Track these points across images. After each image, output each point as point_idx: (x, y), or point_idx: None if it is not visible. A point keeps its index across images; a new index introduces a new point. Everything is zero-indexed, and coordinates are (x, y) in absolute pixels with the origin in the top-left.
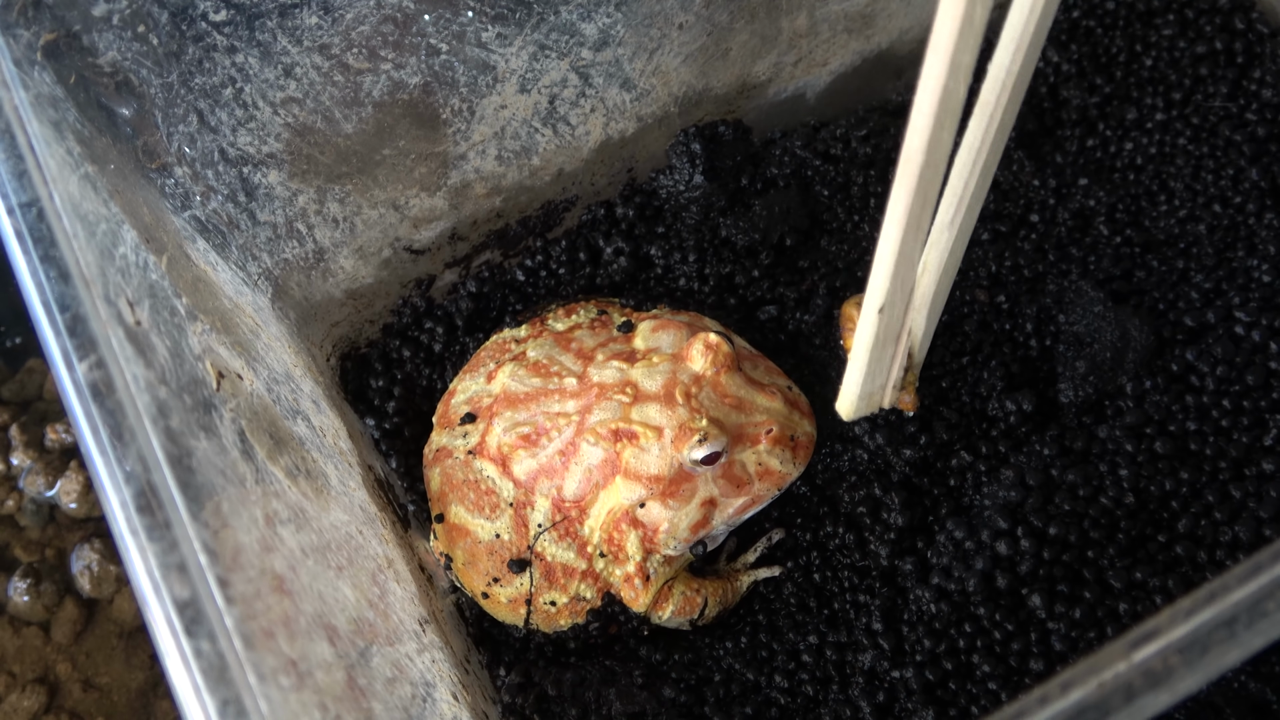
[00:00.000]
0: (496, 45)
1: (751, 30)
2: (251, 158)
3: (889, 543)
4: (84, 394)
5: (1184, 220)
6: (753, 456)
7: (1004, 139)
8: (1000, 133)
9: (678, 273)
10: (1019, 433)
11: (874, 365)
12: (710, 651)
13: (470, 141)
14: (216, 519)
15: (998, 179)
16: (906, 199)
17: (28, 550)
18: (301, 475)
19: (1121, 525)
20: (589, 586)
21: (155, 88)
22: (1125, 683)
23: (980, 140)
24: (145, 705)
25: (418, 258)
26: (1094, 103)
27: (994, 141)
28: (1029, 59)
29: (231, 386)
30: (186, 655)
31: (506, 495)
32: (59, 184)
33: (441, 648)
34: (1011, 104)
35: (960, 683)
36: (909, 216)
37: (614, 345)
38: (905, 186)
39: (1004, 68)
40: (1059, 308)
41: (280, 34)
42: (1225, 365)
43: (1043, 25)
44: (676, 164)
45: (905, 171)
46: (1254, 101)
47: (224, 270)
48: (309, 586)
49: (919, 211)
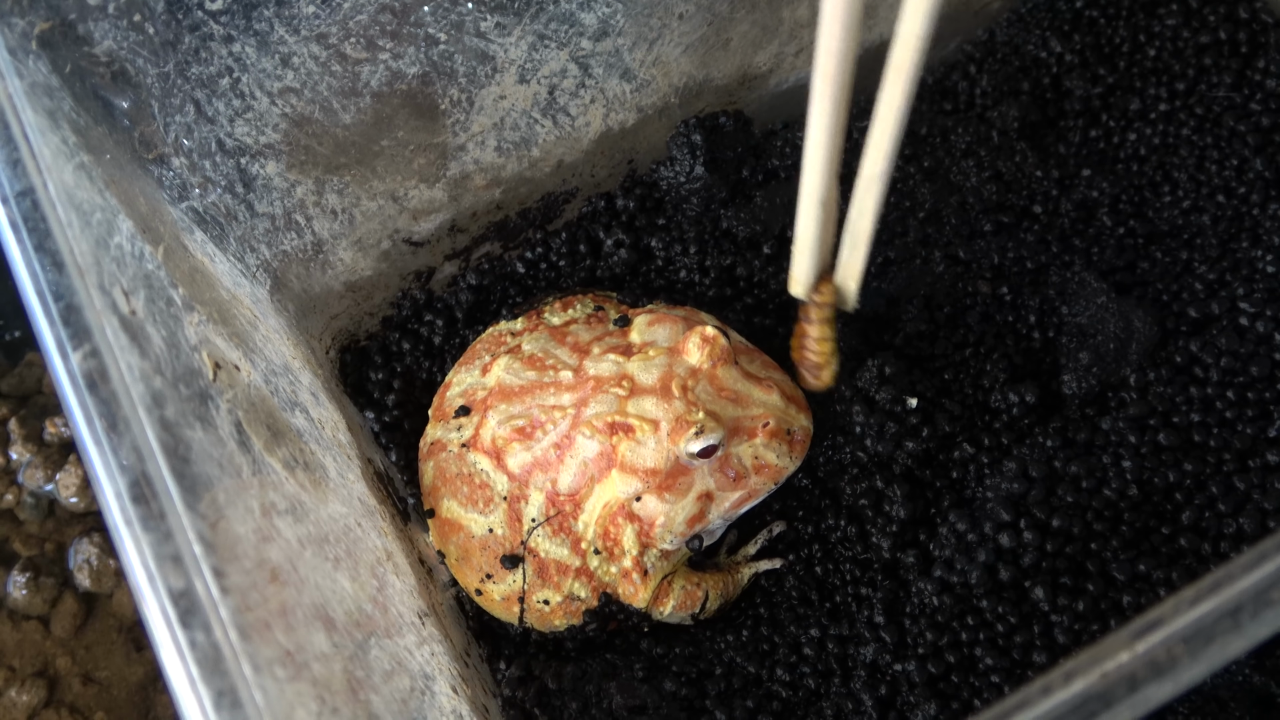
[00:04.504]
0: (495, 35)
1: (752, 20)
2: (249, 148)
3: (891, 535)
4: (78, 384)
5: (1188, 211)
6: (749, 450)
7: (912, 93)
8: (908, 88)
9: (678, 265)
10: (1022, 424)
11: (819, 251)
12: (711, 645)
13: (469, 132)
14: (213, 510)
15: (1001, 170)
16: (828, 101)
17: (27, 544)
18: (299, 467)
19: (1125, 517)
20: (583, 585)
21: (152, 77)
22: (1129, 673)
23: (893, 98)
24: (145, 699)
25: (417, 250)
26: (1097, 93)
27: (903, 99)
28: (927, 24)
29: (228, 378)
30: (181, 646)
31: (500, 489)
32: (53, 173)
33: (441, 641)
34: (915, 68)
35: (963, 676)
36: (832, 118)
37: (610, 339)
38: (824, 88)
39: (912, 33)
40: (1062, 299)
41: (277, 23)
42: (1229, 356)
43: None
44: (677, 155)
45: (823, 72)
46: (1258, 92)
47: (221, 261)
48: (306, 578)
49: (839, 111)
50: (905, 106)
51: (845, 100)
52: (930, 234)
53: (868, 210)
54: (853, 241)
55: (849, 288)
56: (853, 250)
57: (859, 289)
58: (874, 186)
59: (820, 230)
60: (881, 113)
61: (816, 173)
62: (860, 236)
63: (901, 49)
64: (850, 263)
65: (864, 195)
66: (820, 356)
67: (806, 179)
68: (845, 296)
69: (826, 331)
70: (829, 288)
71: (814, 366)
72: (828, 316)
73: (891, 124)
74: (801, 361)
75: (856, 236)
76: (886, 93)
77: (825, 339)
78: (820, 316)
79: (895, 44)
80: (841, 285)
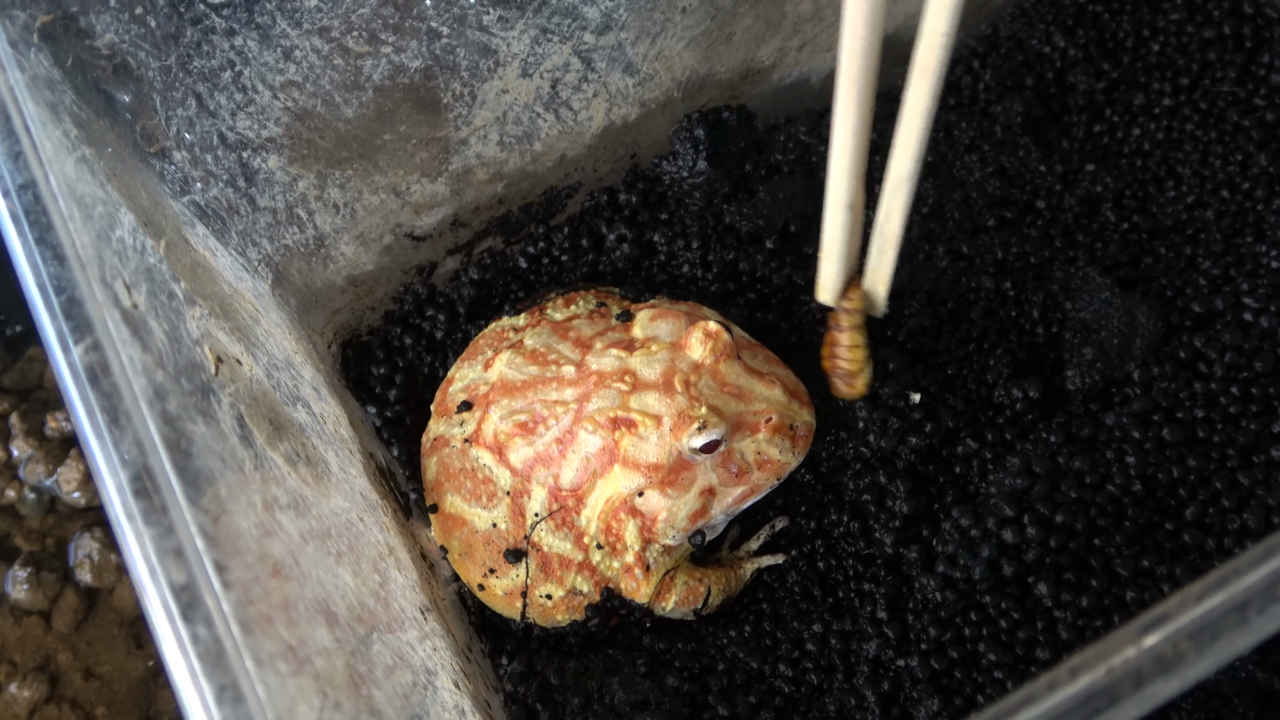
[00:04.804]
0: (498, 29)
1: (755, 14)
2: (251, 142)
3: (894, 531)
4: (80, 377)
5: (1192, 206)
6: (752, 445)
7: (938, 93)
8: (934, 87)
9: (681, 260)
10: (1025, 420)
11: (847, 256)
12: (714, 640)
13: (472, 126)
14: (215, 504)
15: (1004, 165)
16: (853, 101)
17: (28, 539)
18: (301, 462)
19: (1129, 513)
20: (585, 580)
21: (153, 71)
22: (1135, 668)
23: (919, 99)
24: (146, 694)
25: (419, 244)
26: (1101, 88)
27: (930, 99)
28: (953, 20)
29: (230, 372)
30: (183, 641)
31: (503, 484)
32: (55, 166)
33: (443, 636)
34: (940, 65)
35: (966, 671)
36: (857, 121)
37: (612, 334)
38: (848, 88)
39: (937, 31)
40: (1066, 294)
41: (279, 16)
42: (1233, 352)
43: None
44: (680, 150)
45: (847, 72)
46: (1262, 86)
47: (223, 256)
48: (308, 573)
49: (864, 114)
50: (931, 106)
51: (870, 100)
52: (933, 229)
53: (896, 213)
54: (881, 246)
55: (878, 293)
56: (881, 254)
57: (888, 294)
58: (902, 189)
59: (848, 235)
60: (908, 114)
61: (843, 175)
62: (889, 240)
63: (926, 48)
64: (879, 267)
65: (892, 198)
66: (853, 364)
67: (833, 182)
68: (875, 302)
69: (858, 339)
70: (858, 294)
71: (847, 375)
72: (858, 323)
73: (918, 125)
74: (834, 370)
75: (885, 240)
76: (912, 93)
77: (857, 346)
78: (851, 323)
79: (919, 43)
80: (870, 290)
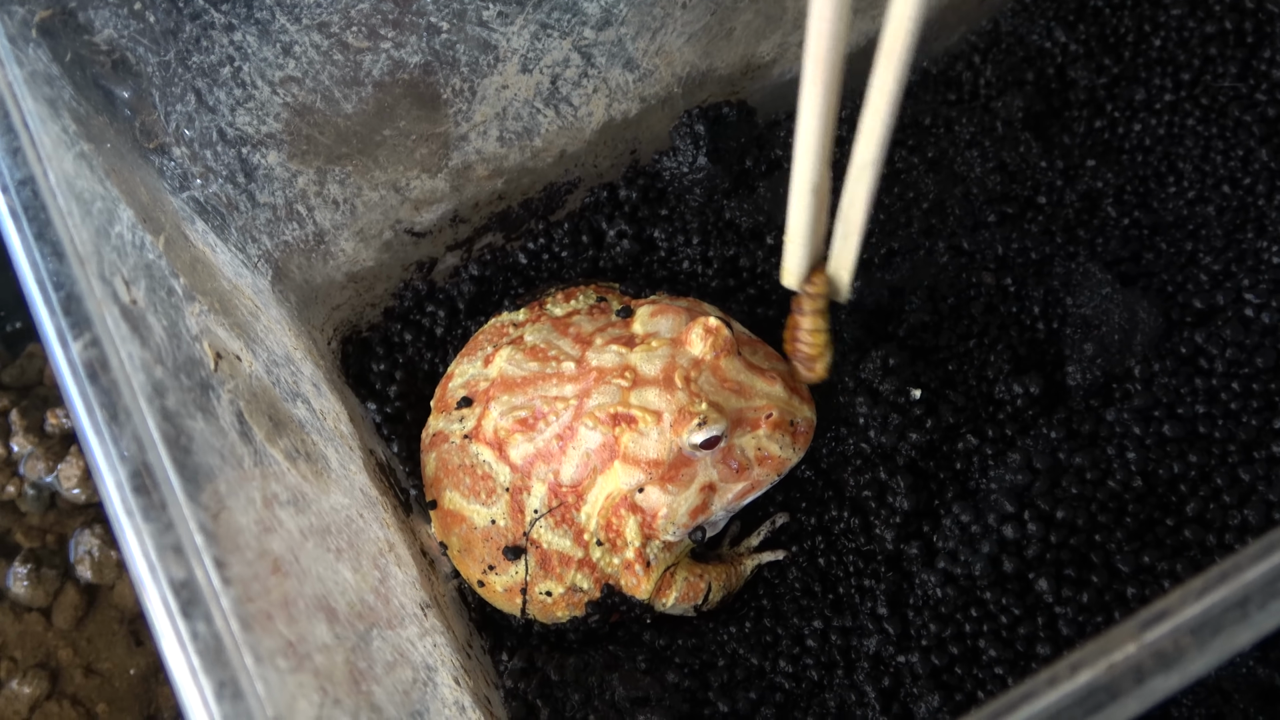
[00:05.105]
0: (498, 24)
1: (756, 10)
2: (250, 138)
3: (894, 527)
4: (79, 373)
5: (1193, 202)
6: (752, 441)
7: (904, 78)
8: (900, 72)
9: (681, 255)
10: (1026, 416)
11: (811, 240)
12: (714, 636)
13: (471, 122)
14: (214, 501)
15: (1005, 160)
16: (818, 85)
17: (28, 536)
18: (301, 458)
19: (1129, 509)
20: (585, 577)
21: (152, 66)
22: (1135, 664)
23: (885, 83)
24: (147, 691)
25: (419, 240)
26: (1102, 84)
27: (895, 84)
28: (919, 4)
29: (230, 368)
30: (183, 637)
31: (503, 480)
32: (54, 161)
33: (443, 632)
34: (906, 50)
35: (966, 667)
36: (823, 103)
37: (612, 330)
38: (814, 72)
39: (904, 15)
40: (1066, 290)
41: (279, 11)
42: (1234, 348)
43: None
44: (680, 145)
45: (813, 55)
46: (1264, 82)
47: (223, 252)
48: (308, 569)
49: (830, 98)
50: (897, 91)
51: (836, 85)
52: (934, 225)
53: (860, 199)
54: (845, 231)
55: (841, 278)
56: (845, 240)
57: (851, 280)
58: (866, 174)
59: (812, 219)
60: (873, 98)
61: (808, 159)
62: (853, 226)
63: (892, 33)
64: (843, 253)
65: (856, 183)
66: (813, 349)
67: (798, 166)
68: (838, 287)
69: (819, 323)
70: (821, 278)
71: (807, 359)
72: (820, 308)
73: (883, 110)
74: (794, 354)
75: (849, 226)
76: (878, 78)
77: (819, 330)
78: (813, 308)
79: (886, 28)
80: (834, 276)
